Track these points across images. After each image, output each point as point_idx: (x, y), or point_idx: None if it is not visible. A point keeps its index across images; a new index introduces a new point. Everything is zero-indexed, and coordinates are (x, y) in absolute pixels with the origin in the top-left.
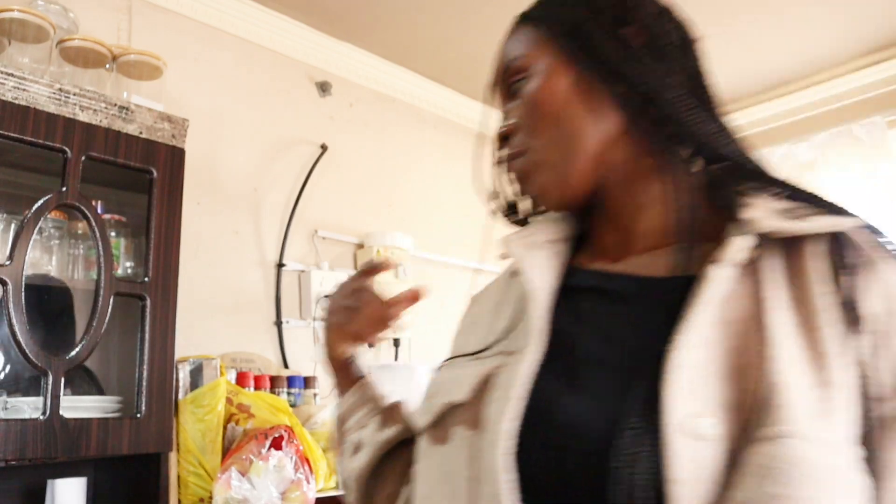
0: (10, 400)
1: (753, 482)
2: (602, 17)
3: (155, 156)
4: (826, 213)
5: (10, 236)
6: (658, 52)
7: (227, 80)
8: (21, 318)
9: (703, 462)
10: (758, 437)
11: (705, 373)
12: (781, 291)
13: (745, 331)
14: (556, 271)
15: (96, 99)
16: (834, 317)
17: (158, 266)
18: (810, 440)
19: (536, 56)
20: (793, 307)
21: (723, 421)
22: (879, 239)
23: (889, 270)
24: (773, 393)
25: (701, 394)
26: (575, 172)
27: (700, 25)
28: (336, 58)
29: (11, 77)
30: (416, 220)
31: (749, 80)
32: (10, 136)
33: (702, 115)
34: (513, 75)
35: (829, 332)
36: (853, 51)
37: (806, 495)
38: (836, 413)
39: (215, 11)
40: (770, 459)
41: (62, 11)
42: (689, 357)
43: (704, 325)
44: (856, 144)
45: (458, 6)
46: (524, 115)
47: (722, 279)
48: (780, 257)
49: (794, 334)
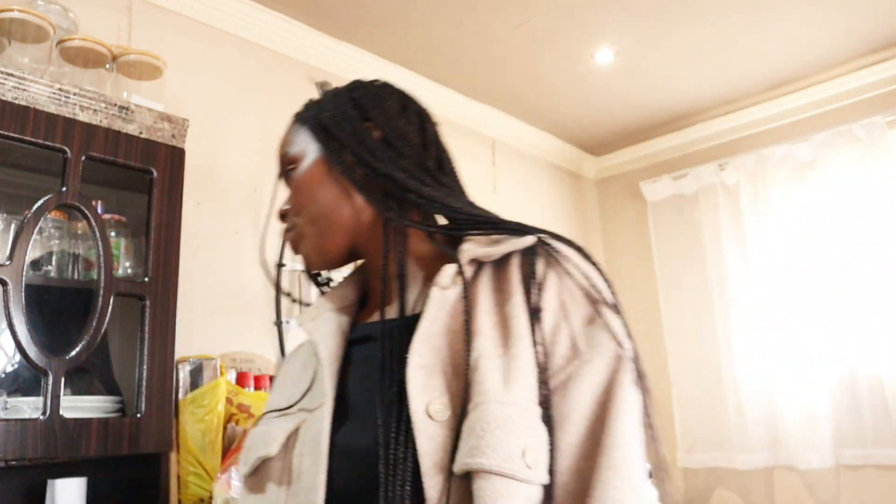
0: (11, 400)
1: (464, 441)
2: (348, 120)
3: (155, 156)
4: (515, 236)
5: (10, 236)
6: (395, 142)
7: (227, 80)
8: (21, 318)
9: (438, 437)
10: (468, 410)
11: (434, 371)
12: (489, 299)
13: (459, 336)
14: (340, 337)
15: (96, 99)
16: (522, 310)
17: (158, 266)
18: (499, 402)
19: (302, 150)
20: (496, 309)
21: (448, 406)
22: (553, 250)
23: (558, 272)
24: (473, 376)
25: (431, 387)
26: (330, 243)
27: (701, 25)
28: (336, 58)
29: (11, 77)
30: None
31: (749, 80)
32: (10, 135)
33: (431, 184)
34: (286, 166)
35: (518, 321)
36: (853, 51)
37: (494, 441)
38: (518, 382)
39: (215, 11)
40: (473, 422)
41: (62, 11)
42: (421, 361)
43: (431, 336)
44: (856, 144)
45: (458, 6)
46: (292, 198)
47: (437, 299)
48: (491, 275)
49: (494, 328)
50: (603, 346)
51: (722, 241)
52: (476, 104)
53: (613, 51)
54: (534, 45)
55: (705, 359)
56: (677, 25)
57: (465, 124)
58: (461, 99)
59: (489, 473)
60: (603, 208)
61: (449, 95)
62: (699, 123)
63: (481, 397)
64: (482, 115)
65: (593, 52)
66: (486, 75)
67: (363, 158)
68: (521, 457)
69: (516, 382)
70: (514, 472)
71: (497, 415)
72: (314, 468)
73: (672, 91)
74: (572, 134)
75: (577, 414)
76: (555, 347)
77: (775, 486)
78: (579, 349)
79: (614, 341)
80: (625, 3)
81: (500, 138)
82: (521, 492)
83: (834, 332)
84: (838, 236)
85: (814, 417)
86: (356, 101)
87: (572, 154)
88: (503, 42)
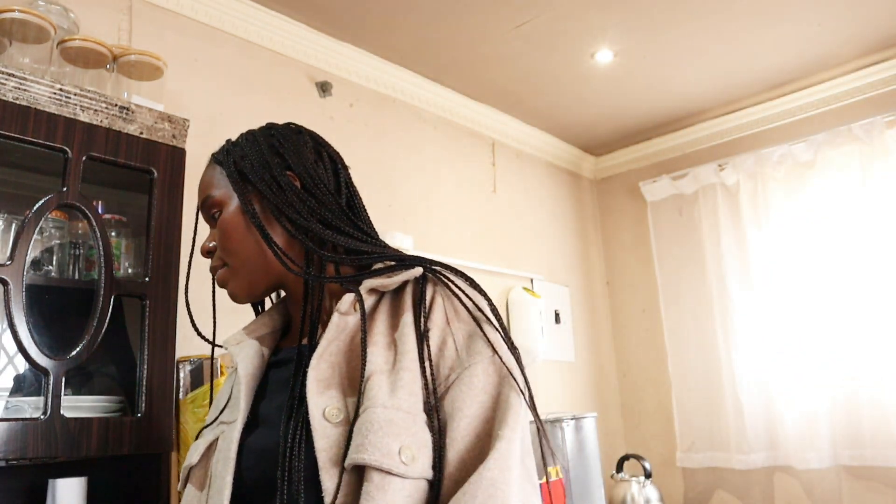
0: (11, 400)
1: (353, 440)
2: (268, 168)
3: (155, 156)
4: (406, 269)
5: (10, 236)
6: (314, 190)
7: (227, 81)
8: (22, 318)
9: (333, 436)
10: (359, 413)
11: (331, 383)
12: (384, 323)
13: (357, 354)
14: (258, 360)
15: (97, 99)
16: (410, 329)
17: (158, 266)
18: (384, 407)
19: (224, 195)
20: (389, 332)
21: (342, 411)
22: (441, 276)
23: (444, 295)
24: (367, 385)
25: (328, 395)
26: (258, 282)
27: (701, 25)
28: (336, 58)
29: (12, 77)
30: (416, 219)
31: (749, 80)
32: (10, 136)
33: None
34: (210, 208)
35: (407, 339)
36: (853, 51)
37: (376, 439)
38: (402, 390)
39: (215, 11)
40: (361, 424)
41: (63, 12)
42: (319, 373)
43: (329, 354)
44: (855, 144)
45: (457, 6)
46: (220, 240)
47: (336, 323)
48: (389, 303)
49: (386, 348)
50: (481, 355)
51: (721, 241)
52: (476, 104)
53: (613, 51)
54: (534, 45)
55: (705, 359)
56: (677, 25)
57: (465, 124)
58: (461, 99)
59: (370, 468)
60: (602, 208)
61: (449, 95)
62: (699, 123)
63: (369, 402)
64: (482, 115)
65: (593, 52)
66: (486, 75)
67: (286, 212)
68: (397, 454)
69: (401, 390)
70: (391, 467)
71: (380, 417)
72: (224, 471)
73: (672, 91)
74: (572, 134)
75: (460, 412)
76: (441, 360)
77: (774, 486)
78: (461, 358)
79: (491, 349)
80: (625, 3)
81: (500, 138)
82: (395, 485)
83: (833, 331)
84: (837, 236)
85: (813, 418)
86: (275, 148)
87: (572, 154)
88: (503, 42)
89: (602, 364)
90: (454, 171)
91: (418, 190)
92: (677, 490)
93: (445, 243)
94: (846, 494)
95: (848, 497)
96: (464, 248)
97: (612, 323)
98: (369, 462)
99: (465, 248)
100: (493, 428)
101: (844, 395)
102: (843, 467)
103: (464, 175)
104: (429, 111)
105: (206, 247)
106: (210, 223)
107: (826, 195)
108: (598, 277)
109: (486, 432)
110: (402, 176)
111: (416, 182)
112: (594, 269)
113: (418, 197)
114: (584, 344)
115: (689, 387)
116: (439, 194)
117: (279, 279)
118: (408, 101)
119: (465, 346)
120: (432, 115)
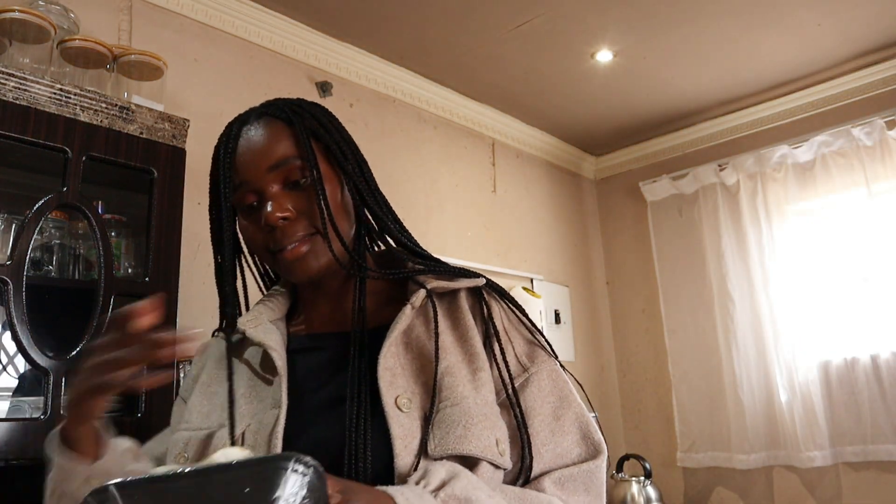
0: (12, 400)
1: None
2: (352, 151)
3: (155, 156)
4: (465, 277)
5: (10, 236)
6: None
7: (227, 80)
8: (22, 317)
9: (407, 425)
10: (440, 408)
11: (395, 371)
12: (446, 322)
13: (422, 346)
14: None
15: (97, 99)
16: (477, 334)
17: (159, 266)
18: (475, 403)
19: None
20: (452, 331)
21: (412, 400)
22: (494, 289)
23: (499, 308)
24: (443, 381)
25: (396, 385)
26: (336, 256)
27: (700, 25)
28: (336, 58)
29: (12, 77)
30: (416, 220)
31: (749, 80)
32: (11, 136)
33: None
34: (291, 171)
35: (475, 342)
36: (853, 51)
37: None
38: (484, 388)
39: (215, 11)
40: (454, 416)
41: (63, 12)
42: (387, 362)
43: (395, 345)
44: (854, 144)
45: (457, 6)
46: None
47: (407, 315)
48: (443, 303)
49: (456, 345)
50: (545, 363)
51: (721, 241)
52: (476, 104)
53: (613, 51)
54: (534, 45)
55: (705, 359)
56: (677, 25)
57: (465, 124)
58: (461, 99)
59: (478, 458)
60: (602, 208)
61: (449, 95)
62: (699, 123)
63: (458, 398)
64: (482, 115)
65: (593, 52)
66: (486, 75)
67: (368, 201)
68: (495, 445)
69: (483, 388)
70: (493, 458)
71: (476, 412)
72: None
73: (672, 91)
74: (572, 134)
75: (534, 411)
76: (508, 363)
77: (775, 484)
78: (523, 364)
79: (549, 357)
80: (625, 3)
81: (500, 138)
82: (498, 475)
83: (833, 331)
84: (837, 236)
85: (813, 416)
86: (344, 131)
87: (572, 154)
88: (503, 42)
89: (602, 364)
90: (454, 171)
91: (418, 190)
92: (678, 490)
93: (445, 243)
94: (849, 491)
95: (850, 494)
96: (464, 248)
97: (612, 323)
98: (477, 453)
99: (465, 248)
100: (564, 424)
101: (845, 392)
102: (844, 464)
103: (464, 175)
104: (429, 111)
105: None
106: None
107: (826, 195)
108: (598, 277)
109: (559, 429)
110: (403, 176)
111: (416, 182)
112: (594, 269)
113: (418, 197)
114: (584, 344)
115: (689, 387)
116: (439, 194)
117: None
118: (408, 101)
119: (526, 353)
120: (432, 115)
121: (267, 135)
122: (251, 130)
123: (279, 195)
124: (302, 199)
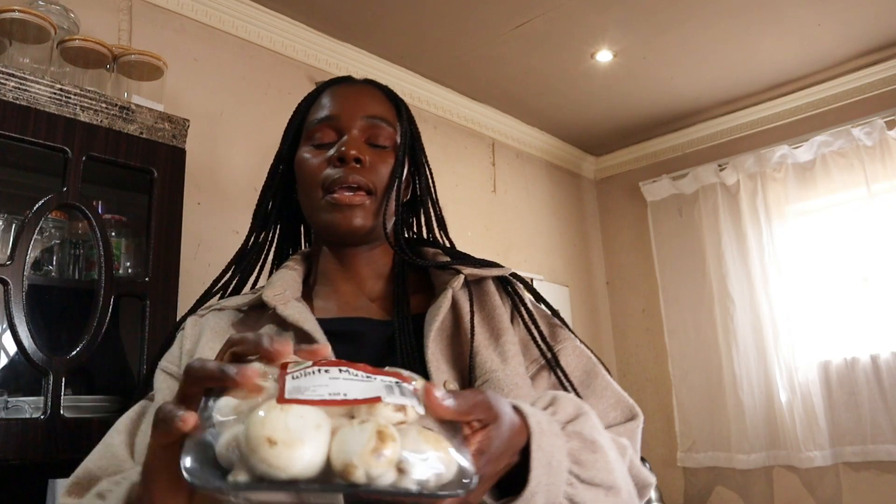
0: (11, 400)
1: None
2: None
3: (155, 156)
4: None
5: (10, 236)
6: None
7: (227, 80)
8: (22, 318)
9: None
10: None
11: (442, 357)
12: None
13: (455, 332)
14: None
15: (97, 99)
16: (504, 312)
17: (158, 266)
18: (505, 374)
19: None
20: (481, 315)
21: (456, 381)
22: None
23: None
24: (475, 360)
25: (442, 370)
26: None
27: (700, 25)
28: (336, 58)
29: (12, 77)
30: None
31: (749, 80)
32: (10, 136)
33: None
34: (378, 130)
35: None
36: (852, 51)
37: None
38: (513, 360)
39: (215, 11)
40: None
41: (63, 12)
42: (433, 348)
43: (434, 332)
44: (855, 144)
45: (457, 6)
46: (377, 164)
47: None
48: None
49: (482, 324)
50: (568, 339)
51: (721, 241)
52: (476, 104)
53: (613, 51)
54: (533, 45)
55: (705, 359)
56: (677, 25)
57: (465, 124)
58: (461, 99)
59: None
60: (602, 208)
61: (449, 95)
62: (699, 123)
63: (489, 374)
64: (482, 115)
65: (593, 52)
66: (486, 75)
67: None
68: None
69: (512, 360)
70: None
71: (507, 381)
72: None
73: (672, 91)
74: (572, 134)
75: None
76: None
77: (775, 484)
78: (550, 343)
79: (570, 333)
80: (625, 3)
81: (500, 138)
82: None
83: (833, 331)
84: (837, 236)
85: (813, 416)
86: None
87: (572, 154)
88: (503, 42)
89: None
90: (454, 171)
91: None
92: (678, 490)
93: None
94: (849, 491)
95: (850, 494)
96: (464, 248)
97: (612, 323)
98: None
99: (465, 248)
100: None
101: (845, 392)
102: (844, 464)
103: (463, 175)
104: (428, 111)
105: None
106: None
107: (826, 195)
108: (598, 277)
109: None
110: None
111: None
112: (594, 269)
113: None
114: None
115: (690, 387)
116: (439, 194)
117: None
118: (407, 100)
119: (549, 333)
120: (432, 115)
121: (371, 94)
122: (355, 85)
123: (361, 142)
124: (378, 159)
